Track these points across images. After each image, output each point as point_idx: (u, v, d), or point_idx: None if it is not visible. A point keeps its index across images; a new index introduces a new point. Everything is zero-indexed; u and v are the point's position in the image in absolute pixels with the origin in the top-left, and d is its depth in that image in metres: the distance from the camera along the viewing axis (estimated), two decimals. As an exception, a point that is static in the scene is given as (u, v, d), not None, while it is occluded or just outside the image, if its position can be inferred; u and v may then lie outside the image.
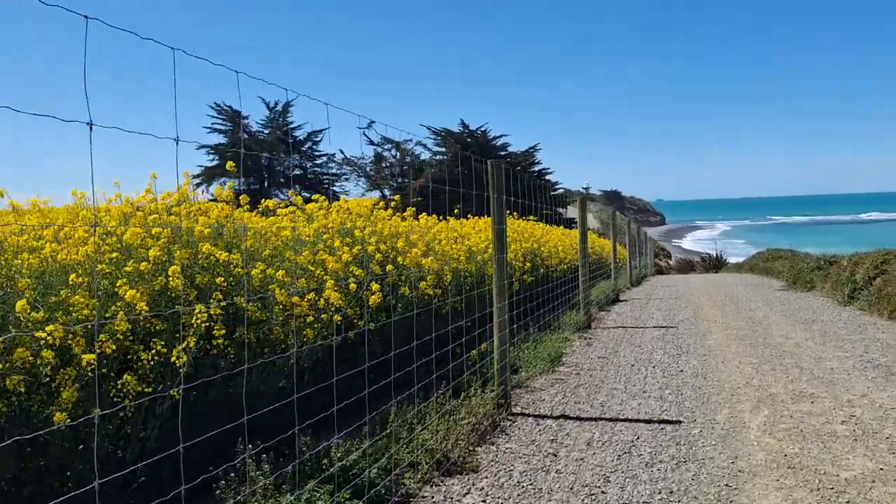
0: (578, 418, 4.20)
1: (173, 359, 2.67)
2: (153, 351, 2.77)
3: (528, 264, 8.42)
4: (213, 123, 35.33)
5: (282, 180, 36.39)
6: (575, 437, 3.81)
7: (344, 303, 4.20)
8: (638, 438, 3.71)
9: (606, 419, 4.15)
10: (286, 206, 4.97)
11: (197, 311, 2.85)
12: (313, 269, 4.08)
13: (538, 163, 40.94)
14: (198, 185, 32.26)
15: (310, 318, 3.82)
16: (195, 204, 4.07)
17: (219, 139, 35.93)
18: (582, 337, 7.51)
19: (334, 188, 37.32)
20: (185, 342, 2.70)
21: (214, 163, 33.81)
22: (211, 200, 4.48)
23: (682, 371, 5.52)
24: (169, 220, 3.54)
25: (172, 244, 3.25)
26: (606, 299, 11.00)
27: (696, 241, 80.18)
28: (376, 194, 37.70)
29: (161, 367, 2.87)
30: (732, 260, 35.73)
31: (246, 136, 34.56)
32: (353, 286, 4.14)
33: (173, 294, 3.10)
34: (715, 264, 31.53)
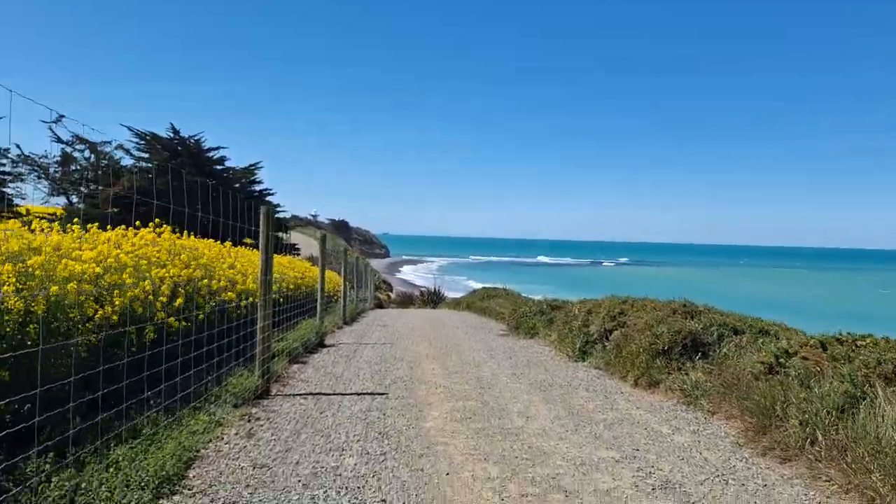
0: None
1: None
2: None
3: (181, 299, 5.59)
4: None
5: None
6: None
7: None
8: None
9: None
10: None
11: None
12: None
13: (259, 181, 37.46)
14: None
15: None
16: None
17: None
18: (247, 416, 4.89)
19: (5, 189, 29.81)
20: None
21: None
22: None
23: (383, 501, 3.23)
24: None
25: None
26: (306, 345, 8.55)
27: (416, 275, 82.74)
28: (62, 201, 31.09)
29: None
30: (450, 294, 36.19)
31: None
32: None
33: None
34: (433, 299, 31.26)
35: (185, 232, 8.21)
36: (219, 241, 8.95)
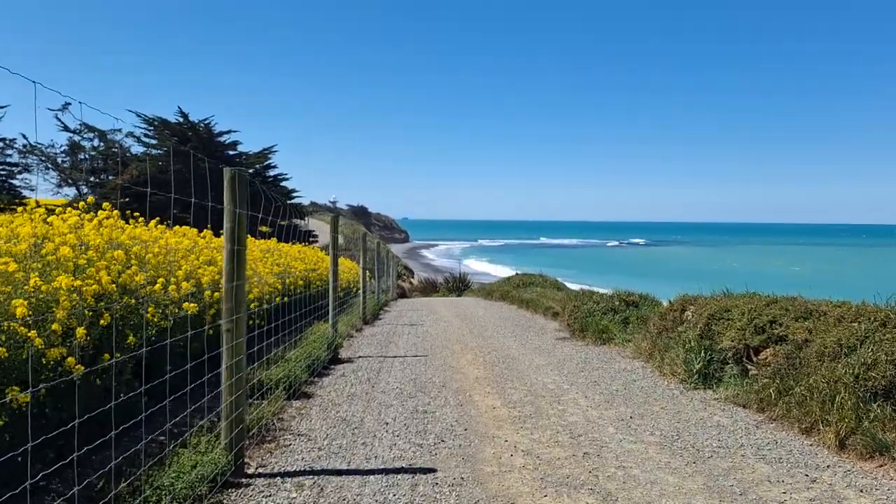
0: None
1: None
2: None
3: (103, 320, 3.37)
4: None
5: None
6: None
7: None
8: None
9: None
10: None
11: None
12: None
13: (274, 166, 35.28)
14: None
15: None
16: None
17: None
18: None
19: (13, 181, 28.07)
20: None
21: None
22: None
23: None
24: None
25: None
26: (313, 366, 6.33)
27: (439, 259, 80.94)
28: (73, 192, 29.29)
29: None
30: (476, 279, 33.94)
31: None
32: None
33: None
34: (458, 286, 29.09)
35: (167, 221, 6.12)
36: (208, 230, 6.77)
